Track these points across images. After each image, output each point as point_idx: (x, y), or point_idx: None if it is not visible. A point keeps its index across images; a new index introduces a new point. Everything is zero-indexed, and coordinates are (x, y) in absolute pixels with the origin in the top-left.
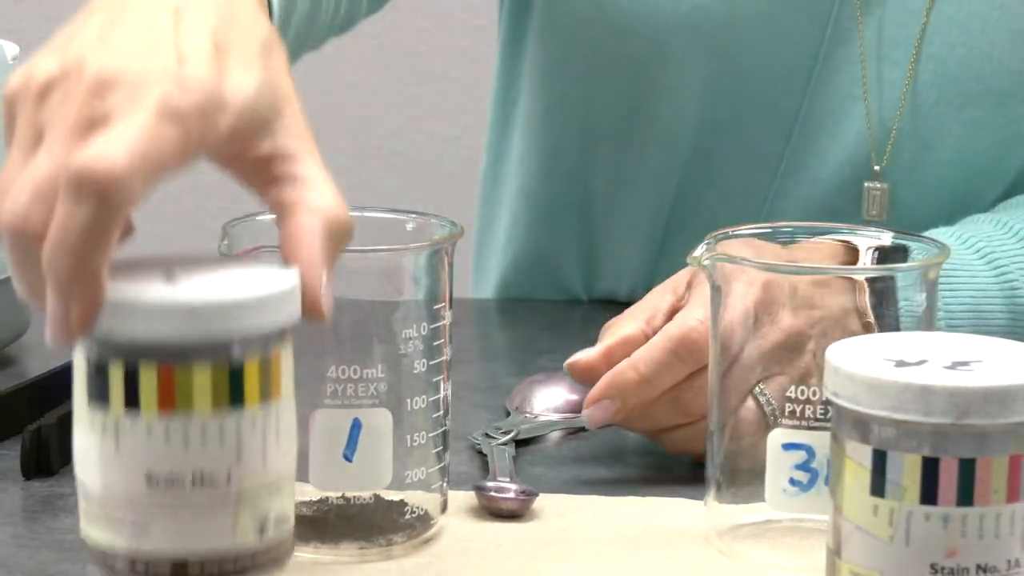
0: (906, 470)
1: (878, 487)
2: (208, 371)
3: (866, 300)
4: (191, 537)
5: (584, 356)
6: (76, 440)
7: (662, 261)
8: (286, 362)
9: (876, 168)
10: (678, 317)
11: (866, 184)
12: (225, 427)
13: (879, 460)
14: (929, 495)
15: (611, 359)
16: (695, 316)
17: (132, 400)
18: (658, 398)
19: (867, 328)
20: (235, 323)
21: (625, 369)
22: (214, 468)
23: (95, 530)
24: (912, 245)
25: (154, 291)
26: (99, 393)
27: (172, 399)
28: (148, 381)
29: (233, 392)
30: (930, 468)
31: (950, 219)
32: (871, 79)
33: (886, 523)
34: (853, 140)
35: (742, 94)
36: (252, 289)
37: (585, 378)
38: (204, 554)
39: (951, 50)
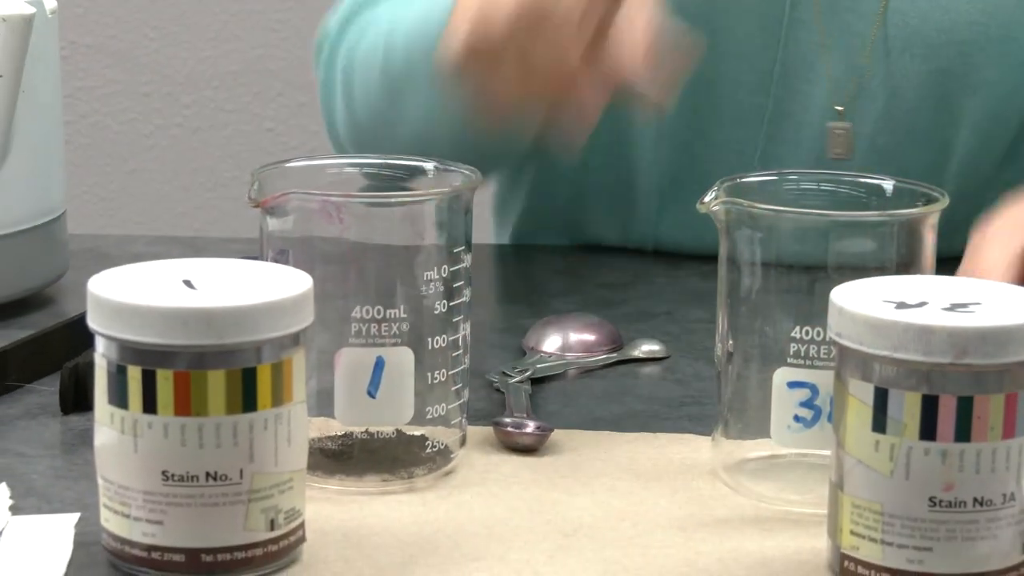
0: (906, 407)
1: (879, 423)
2: (222, 377)
3: None
4: (204, 531)
5: None
6: (97, 436)
7: (666, 210)
8: (298, 366)
9: (839, 109)
10: None
11: (829, 124)
12: (238, 429)
13: (880, 398)
14: (928, 431)
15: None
16: None
17: (150, 403)
18: None
19: None
20: (250, 330)
21: None
22: (227, 467)
23: (114, 521)
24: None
25: (172, 298)
26: (118, 395)
27: (187, 403)
28: (165, 386)
29: (246, 396)
30: (929, 405)
31: (918, 160)
32: (840, 30)
33: (887, 458)
34: (830, 87)
35: (721, 49)
36: (266, 296)
37: None
38: (216, 547)
39: (913, 4)
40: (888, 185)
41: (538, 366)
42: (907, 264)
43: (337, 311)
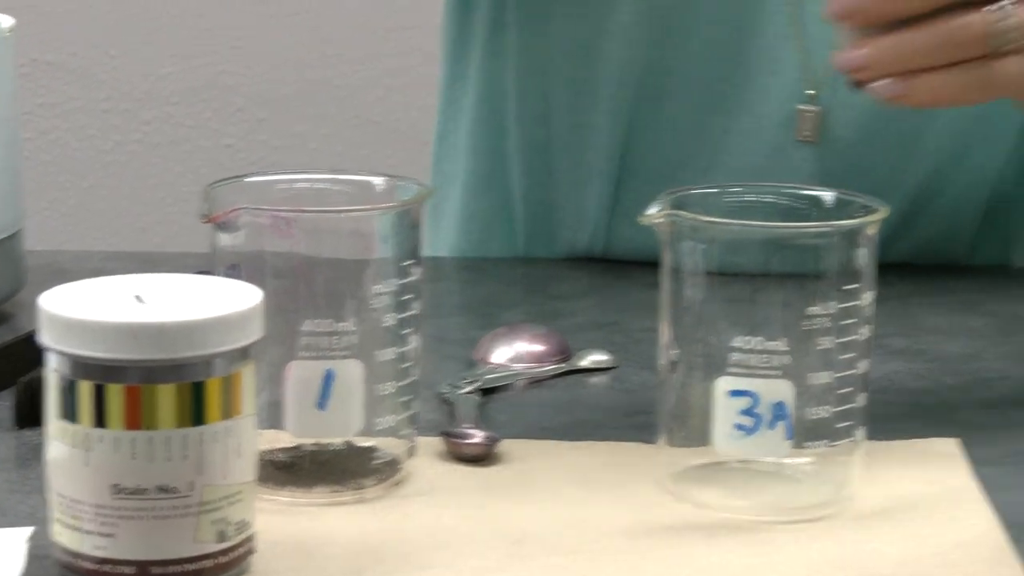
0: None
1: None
2: (172, 391)
3: None
4: (155, 543)
5: None
6: (48, 450)
7: (619, 207)
8: (248, 379)
9: (810, 92)
10: None
11: (799, 106)
12: (188, 442)
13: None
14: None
15: None
16: None
17: (100, 418)
18: None
19: None
20: (200, 344)
21: None
22: (177, 480)
23: (65, 534)
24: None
25: (122, 313)
26: (69, 409)
27: (138, 417)
28: (115, 400)
29: (196, 410)
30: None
31: (884, 143)
32: (807, 18)
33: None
34: (792, 76)
35: (688, 35)
36: (216, 310)
37: None
38: (167, 559)
39: None
40: (829, 197)
41: (487, 377)
42: (847, 273)
43: (287, 324)
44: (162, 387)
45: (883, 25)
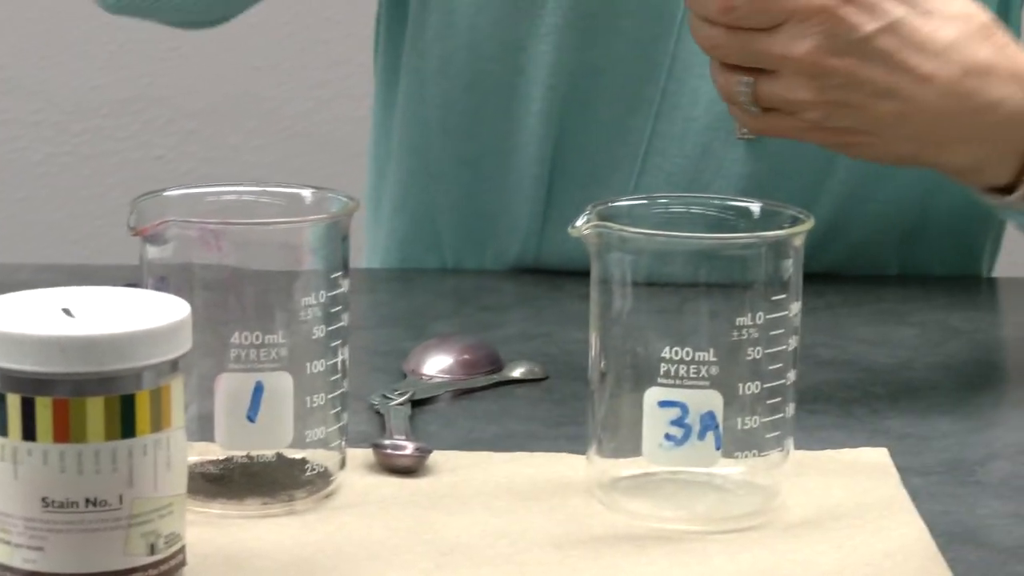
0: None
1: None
2: (101, 403)
3: None
4: (84, 556)
5: None
6: None
7: (550, 213)
8: (176, 392)
9: None
10: None
11: None
12: (117, 455)
13: None
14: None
15: None
16: None
17: (29, 431)
18: None
19: None
20: (128, 357)
21: None
22: (107, 493)
23: None
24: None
25: (50, 326)
26: None
27: (67, 430)
28: (44, 413)
29: (125, 423)
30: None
31: (812, 147)
32: None
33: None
34: None
35: (616, 36)
36: (144, 323)
37: None
38: (97, 572)
39: None
40: (755, 208)
41: (417, 389)
42: (775, 283)
43: (216, 337)
44: (91, 400)
45: None
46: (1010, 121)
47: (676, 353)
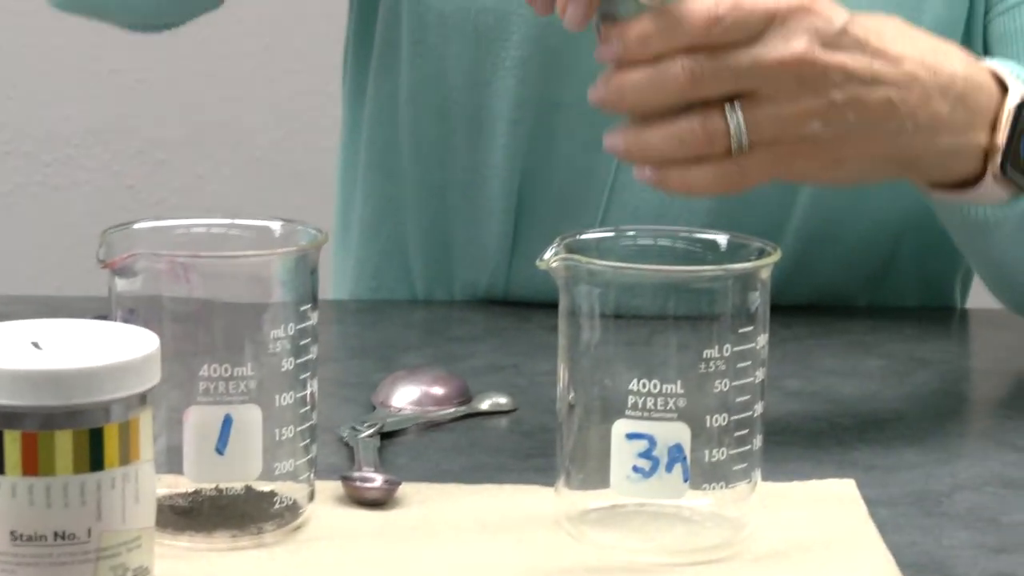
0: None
1: None
2: (70, 437)
3: None
4: None
5: None
6: None
7: (518, 247)
8: (145, 425)
9: None
10: None
11: None
12: (86, 488)
13: None
14: None
15: None
16: None
17: None
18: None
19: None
20: (96, 391)
21: None
22: (75, 526)
23: None
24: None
25: (18, 359)
26: None
27: (35, 463)
28: (12, 446)
29: (94, 456)
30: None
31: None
32: None
33: None
34: None
35: (579, 72)
36: (113, 357)
37: None
38: None
39: None
40: (723, 240)
41: (386, 421)
42: (742, 315)
43: (186, 369)
44: (60, 433)
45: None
46: (970, 89)
47: (644, 385)
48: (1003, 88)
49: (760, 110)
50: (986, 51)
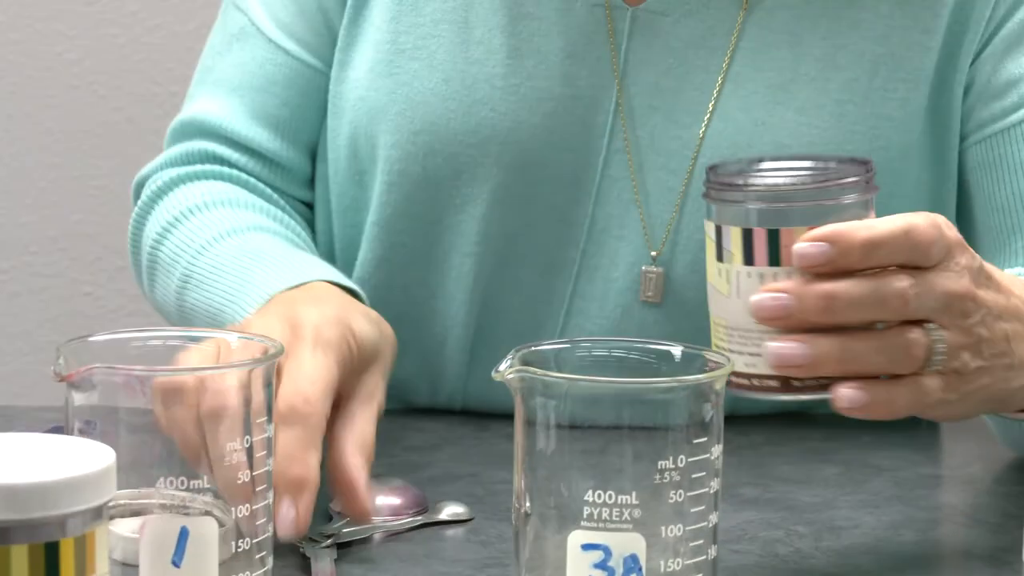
0: (732, 240)
1: (719, 254)
2: (25, 551)
3: None
4: None
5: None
6: None
7: (473, 371)
8: (101, 538)
9: (653, 254)
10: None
11: (643, 268)
12: None
13: (718, 234)
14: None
15: None
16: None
17: None
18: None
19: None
20: (52, 504)
21: None
22: None
23: None
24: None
25: None
26: None
27: None
28: None
29: (49, 571)
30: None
31: None
32: (651, 186)
33: (725, 281)
34: (639, 241)
35: (533, 203)
36: (68, 471)
37: None
38: None
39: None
40: (677, 351)
41: (344, 531)
42: (696, 426)
43: (142, 481)
44: (15, 548)
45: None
46: None
47: (599, 496)
48: None
49: (947, 335)
50: (960, 177)
